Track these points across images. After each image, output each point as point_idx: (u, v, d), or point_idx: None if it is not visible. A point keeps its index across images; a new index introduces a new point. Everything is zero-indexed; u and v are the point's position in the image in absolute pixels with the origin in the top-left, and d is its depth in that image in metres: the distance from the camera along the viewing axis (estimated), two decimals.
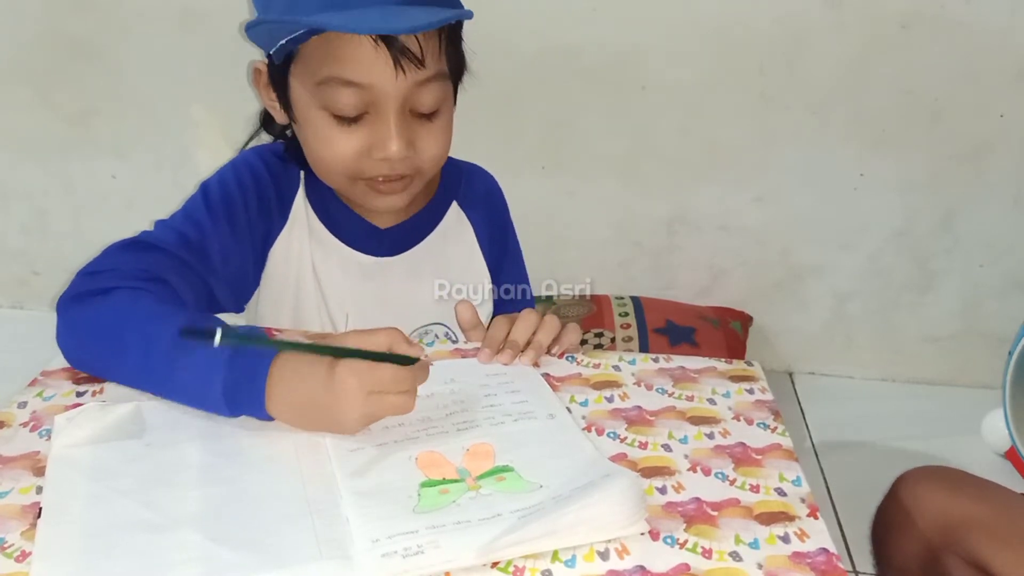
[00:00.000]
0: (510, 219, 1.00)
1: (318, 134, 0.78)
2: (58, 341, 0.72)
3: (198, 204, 0.83)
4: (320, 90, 0.76)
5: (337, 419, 0.62)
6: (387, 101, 0.75)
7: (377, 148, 0.77)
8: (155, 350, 0.66)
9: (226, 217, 0.82)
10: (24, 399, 0.68)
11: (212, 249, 0.80)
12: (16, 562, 0.52)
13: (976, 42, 1.52)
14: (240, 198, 0.84)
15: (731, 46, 1.56)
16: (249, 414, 0.64)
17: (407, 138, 0.77)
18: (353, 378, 0.61)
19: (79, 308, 0.71)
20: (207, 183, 0.85)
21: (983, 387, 1.69)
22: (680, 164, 1.66)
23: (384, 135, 0.76)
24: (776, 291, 1.75)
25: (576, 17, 1.56)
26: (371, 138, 0.77)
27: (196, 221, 0.81)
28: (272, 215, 0.86)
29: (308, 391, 0.62)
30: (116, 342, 0.68)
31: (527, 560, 0.53)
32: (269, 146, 0.89)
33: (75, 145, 1.75)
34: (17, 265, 1.87)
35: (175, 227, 0.80)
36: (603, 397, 0.72)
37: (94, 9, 1.63)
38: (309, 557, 0.51)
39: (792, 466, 0.64)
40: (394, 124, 0.76)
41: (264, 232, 0.86)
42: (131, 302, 0.70)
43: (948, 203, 1.65)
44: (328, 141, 0.78)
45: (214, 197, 0.83)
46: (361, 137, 0.77)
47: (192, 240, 0.79)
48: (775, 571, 0.53)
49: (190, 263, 0.78)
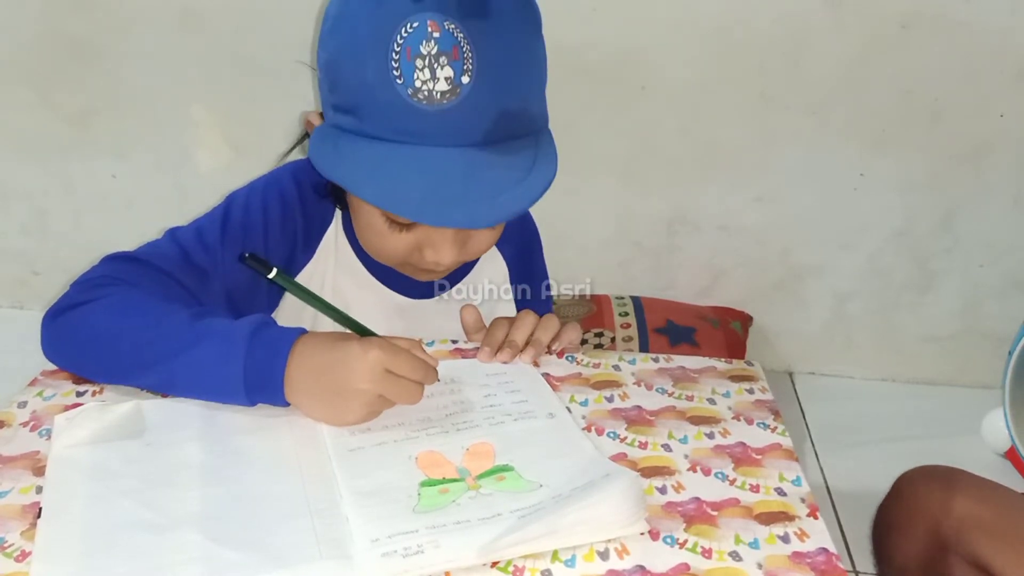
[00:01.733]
0: (539, 243, 0.98)
1: (370, 227, 0.77)
2: (45, 352, 0.70)
3: (215, 223, 0.79)
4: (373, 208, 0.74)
5: (352, 389, 0.62)
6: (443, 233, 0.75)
7: (430, 252, 0.76)
8: (162, 342, 0.65)
9: (241, 244, 0.78)
10: (24, 399, 0.68)
11: (215, 275, 0.77)
12: (16, 562, 0.52)
13: (976, 42, 1.51)
14: (262, 223, 0.80)
15: (731, 46, 1.56)
16: (266, 398, 0.64)
17: (461, 242, 0.76)
18: (376, 351, 0.62)
19: (68, 315, 0.70)
20: (232, 199, 0.82)
21: (983, 387, 1.69)
22: (680, 164, 1.66)
23: (439, 244, 0.75)
24: (776, 291, 1.75)
25: (576, 17, 1.56)
26: (425, 240, 0.76)
27: (206, 243, 0.77)
28: (296, 246, 0.83)
29: (329, 363, 0.63)
30: (116, 341, 0.67)
31: (527, 560, 0.53)
32: (308, 170, 0.82)
33: (75, 145, 1.74)
34: (17, 265, 1.86)
35: (183, 244, 0.77)
36: (603, 397, 0.72)
37: (94, 9, 1.63)
38: (309, 557, 0.51)
39: (792, 466, 0.64)
40: (451, 237, 0.75)
41: (284, 261, 0.82)
42: (128, 300, 0.69)
43: (948, 203, 1.65)
44: (380, 236, 0.77)
45: (234, 220, 0.79)
46: (416, 237, 0.76)
47: (196, 261, 0.76)
48: (775, 571, 0.53)
49: (187, 285, 0.75)
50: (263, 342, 0.64)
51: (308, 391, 0.64)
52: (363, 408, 0.63)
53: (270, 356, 0.63)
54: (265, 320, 0.67)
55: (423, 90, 0.67)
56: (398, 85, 0.67)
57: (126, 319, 0.68)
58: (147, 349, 0.66)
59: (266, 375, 0.63)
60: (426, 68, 0.66)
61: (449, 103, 0.67)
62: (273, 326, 0.66)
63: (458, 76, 0.67)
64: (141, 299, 0.69)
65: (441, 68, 0.66)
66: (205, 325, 0.66)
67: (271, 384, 0.63)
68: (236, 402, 0.65)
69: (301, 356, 0.64)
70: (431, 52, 0.66)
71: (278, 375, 0.63)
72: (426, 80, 0.66)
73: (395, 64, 0.66)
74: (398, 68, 0.67)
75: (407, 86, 0.67)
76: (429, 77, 0.66)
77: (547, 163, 0.73)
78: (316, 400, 0.64)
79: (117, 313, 0.68)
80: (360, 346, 0.63)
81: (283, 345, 0.64)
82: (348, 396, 0.63)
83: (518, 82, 0.72)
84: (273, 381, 0.63)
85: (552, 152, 0.75)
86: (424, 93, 0.67)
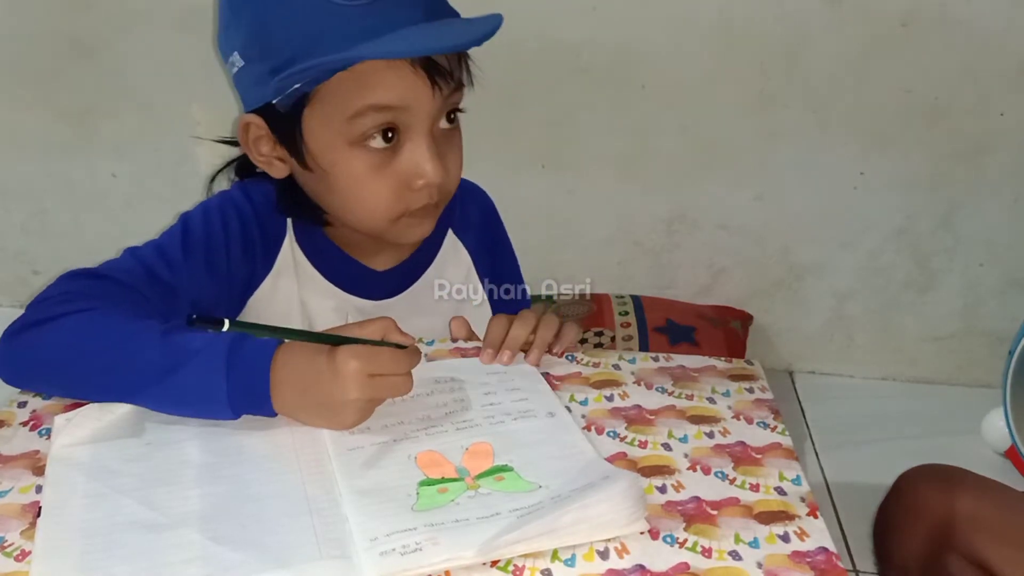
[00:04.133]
0: (503, 232, 0.98)
1: (352, 177, 0.75)
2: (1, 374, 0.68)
3: (175, 239, 0.77)
4: (352, 124, 0.72)
5: (340, 401, 0.62)
6: (420, 122, 0.73)
7: (416, 176, 0.75)
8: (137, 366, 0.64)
9: (204, 258, 0.77)
10: (24, 398, 0.68)
11: (181, 290, 0.75)
12: (16, 561, 0.52)
13: (976, 41, 1.51)
14: (223, 239, 0.79)
15: (731, 45, 1.56)
16: (253, 411, 0.64)
17: (440, 158, 0.75)
18: (354, 361, 0.62)
19: (27, 336, 0.67)
20: (188, 216, 0.80)
21: (983, 386, 1.69)
22: (680, 163, 1.66)
23: (420, 160, 0.74)
24: (776, 290, 1.75)
25: (576, 15, 1.56)
26: (407, 167, 0.74)
27: (169, 259, 0.76)
28: (256, 260, 0.82)
29: (311, 379, 0.62)
30: (85, 362, 0.65)
31: (527, 559, 0.53)
32: (258, 185, 0.84)
33: (75, 145, 1.74)
34: (17, 264, 1.87)
35: (145, 260, 0.75)
36: (603, 396, 0.72)
37: (94, 9, 1.63)
38: (309, 556, 0.51)
39: (792, 465, 0.64)
40: (427, 146, 0.74)
41: (245, 277, 0.82)
42: (95, 319, 0.66)
43: (948, 202, 1.65)
44: (364, 184, 0.75)
45: (195, 235, 0.78)
46: (397, 169, 0.75)
47: (161, 277, 0.75)
48: (775, 570, 0.53)
49: (152, 300, 0.73)
50: (242, 359, 0.63)
51: (297, 405, 0.63)
52: (356, 415, 0.63)
53: (252, 373, 0.63)
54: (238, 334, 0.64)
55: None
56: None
57: (94, 340, 0.65)
58: (120, 374, 0.64)
59: (251, 391, 0.63)
60: None
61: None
62: (248, 339, 0.64)
63: None
64: (108, 318, 0.67)
65: None
66: (177, 346, 0.64)
67: (257, 399, 0.63)
68: (221, 418, 0.64)
69: (283, 371, 0.63)
70: None
71: (264, 390, 0.63)
72: None
73: None
74: None
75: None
76: None
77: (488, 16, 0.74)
78: (309, 413, 0.64)
79: (84, 333, 0.66)
80: (339, 359, 0.62)
81: (263, 360, 0.63)
82: (337, 408, 0.63)
83: None
84: (260, 396, 0.63)
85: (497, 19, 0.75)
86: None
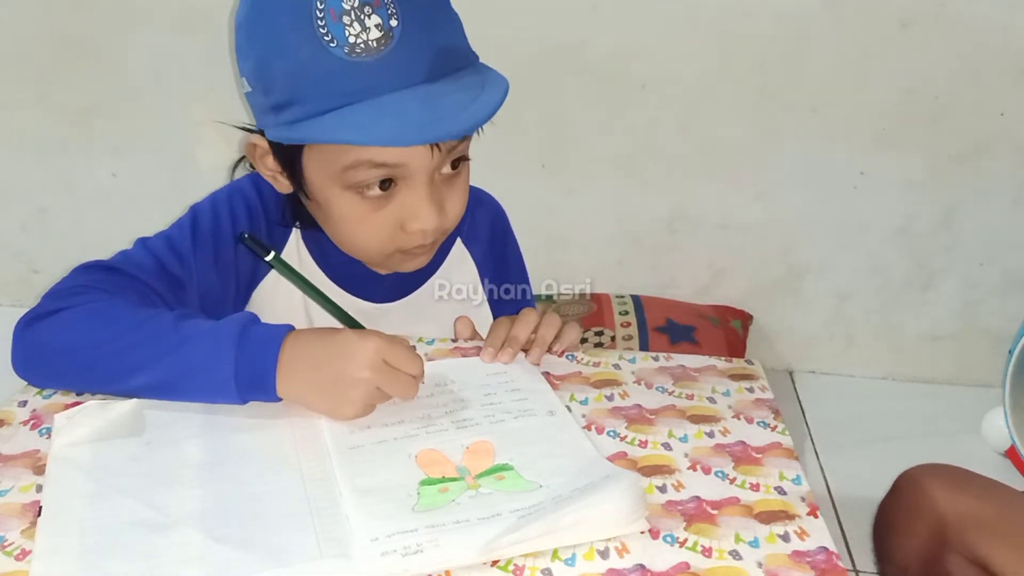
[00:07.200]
0: (514, 243, 0.97)
1: (345, 217, 0.75)
2: (15, 364, 0.69)
3: (185, 231, 0.79)
4: (347, 175, 0.72)
5: (351, 379, 0.63)
6: (418, 175, 0.73)
7: (410, 220, 0.74)
8: (147, 345, 0.65)
9: (212, 250, 0.79)
10: (24, 398, 0.68)
11: (190, 283, 0.77)
12: (16, 561, 0.52)
13: (976, 41, 1.51)
14: (231, 231, 0.80)
15: (731, 44, 1.56)
16: (258, 395, 0.64)
17: (438, 203, 0.75)
18: (375, 340, 0.64)
19: (45, 323, 0.68)
20: (197, 208, 0.81)
21: (983, 386, 1.69)
22: (680, 162, 1.66)
23: (416, 206, 0.74)
24: (776, 289, 1.75)
25: (576, 15, 1.56)
26: (402, 211, 0.74)
27: (179, 253, 0.77)
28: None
29: (326, 353, 0.64)
30: (97, 347, 0.66)
31: (527, 559, 0.53)
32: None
33: (75, 144, 1.75)
34: (17, 264, 1.87)
35: (155, 253, 0.77)
36: (603, 396, 0.72)
37: (94, 9, 1.63)
38: (309, 556, 0.51)
39: (792, 465, 0.64)
40: (427, 195, 0.74)
41: (250, 271, 0.83)
42: (106, 307, 0.68)
43: (948, 202, 1.65)
44: (358, 224, 0.75)
45: (203, 226, 0.79)
46: (392, 212, 0.74)
47: (171, 271, 0.76)
48: (775, 570, 0.53)
49: (162, 293, 0.75)
50: (252, 339, 0.64)
51: (305, 383, 0.64)
52: (362, 399, 0.64)
53: (261, 353, 0.64)
54: (251, 318, 0.67)
55: (358, 44, 0.68)
56: (333, 49, 0.67)
57: (107, 325, 0.67)
58: (131, 354, 0.65)
59: (258, 372, 0.63)
60: (354, 22, 0.67)
61: (386, 48, 0.68)
62: (260, 323, 0.66)
63: (386, 22, 0.68)
64: (120, 305, 0.69)
65: (368, 17, 0.67)
66: (190, 327, 0.66)
67: (263, 380, 0.64)
68: (227, 401, 0.65)
69: (294, 350, 0.64)
70: (353, 5, 0.67)
71: (270, 371, 0.63)
72: (358, 33, 0.67)
73: (323, 30, 0.67)
74: (328, 32, 0.67)
75: (342, 46, 0.67)
76: (360, 29, 0.67)
77: (497, 80, 0.74)
78: (314, 392, 0.64)
79: (97, 319, 0.67)
80: (358, 336, 0.64)
81: (273, 341, 0.64)
82: (347, 385, 0.63)
83: (442, 18, 0.73)
84: (265, 377, 0.63)
85: (495, 72, 0.75)
86: (360, 46, 0.68)
